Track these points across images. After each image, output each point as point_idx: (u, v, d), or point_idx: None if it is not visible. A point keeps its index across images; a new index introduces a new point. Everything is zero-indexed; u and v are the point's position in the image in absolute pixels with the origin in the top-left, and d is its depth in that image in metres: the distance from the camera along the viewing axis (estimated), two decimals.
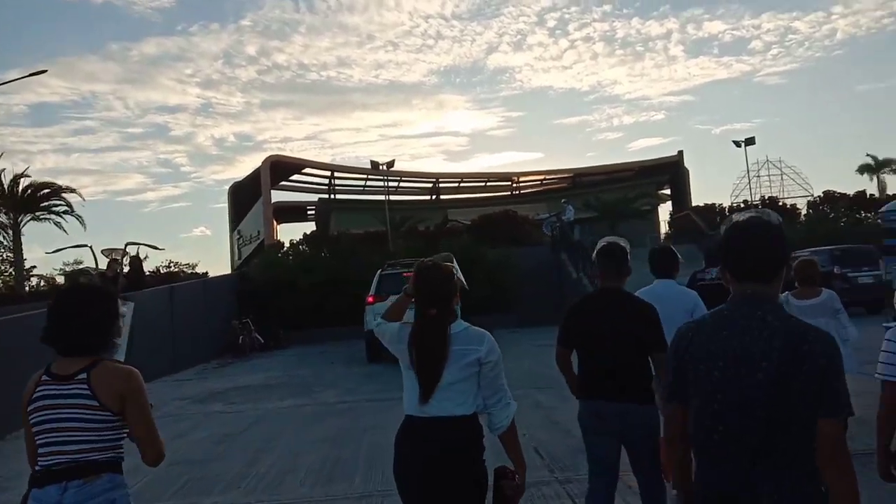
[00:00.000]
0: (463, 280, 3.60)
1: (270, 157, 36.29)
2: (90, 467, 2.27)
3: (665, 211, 41.30)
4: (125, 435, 2.38)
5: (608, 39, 73.79)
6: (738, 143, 30.18)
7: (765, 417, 1.76)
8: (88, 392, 2.29)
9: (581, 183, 42.86)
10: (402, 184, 42.27)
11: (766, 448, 1.76)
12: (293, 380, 12.56)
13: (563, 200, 25.08)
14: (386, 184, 34.68)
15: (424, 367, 2.54)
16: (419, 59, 75.40)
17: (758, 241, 1.88)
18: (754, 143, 29.96)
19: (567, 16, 76.06)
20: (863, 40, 69.77)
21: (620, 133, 77.15)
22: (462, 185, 45.99)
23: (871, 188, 33.84)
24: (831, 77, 75.73)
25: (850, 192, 29.88)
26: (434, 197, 44.56)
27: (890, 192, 32.33)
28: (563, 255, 21.18)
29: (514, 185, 45.87)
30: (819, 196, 30.27)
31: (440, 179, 44.89)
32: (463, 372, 2.54)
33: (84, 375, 2.31)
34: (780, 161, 38.87)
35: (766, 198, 33.64)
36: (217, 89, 69.80)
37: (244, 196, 36.96)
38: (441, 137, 77.01)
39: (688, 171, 40.74)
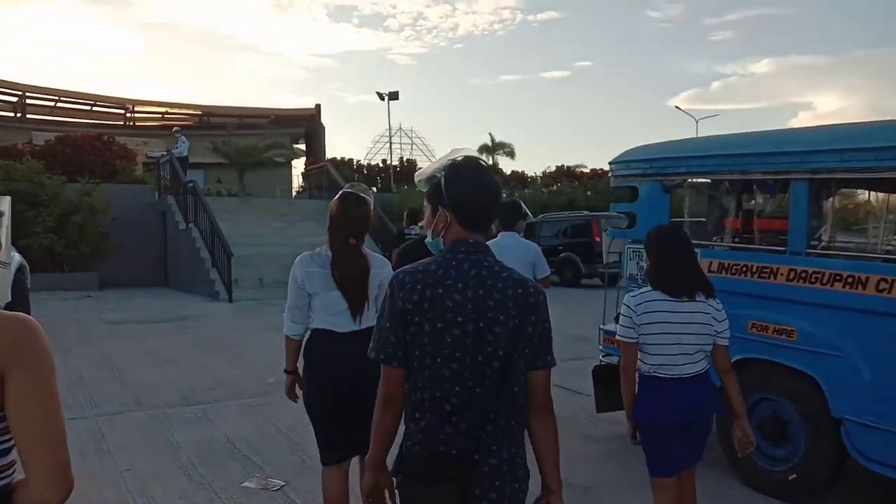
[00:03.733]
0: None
1: None
2: None
3: (301, 166, 40.08)
4: (13, 443, 1.21)
5: None
6: (381, 96, 29.43)
7: (500, 374, 1.75)
8: None
9: (210, 124, 38.72)
10: None
11: (495, 407, 1.76)
12: None
13: (174, 130, 20.91)
14: None
15: (353, 287, 2.88)
16: None
17: (488, 189, 1.84)
18: (398, 98, 29.61)
19: None
20: (478, 38, 78.88)
21: (261, 85, 74.12)
22: (59, 105, 37.72)
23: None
24: (451, 66, 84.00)
25: None
26: (18, 114, 35.62)
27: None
28: (169, 199, 17.20)
29: (129, 113, 39.35)
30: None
31: (28, 94, 36.15)
32: (377, 290, 2.88)
33: None
34: (411, 131, 40.65)
35: (405, 160, 34.05)
36: None
37: None
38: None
39: (324, 126, 39.86)
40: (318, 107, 40.25)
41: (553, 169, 35.10)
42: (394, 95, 29.48)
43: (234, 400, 6.15)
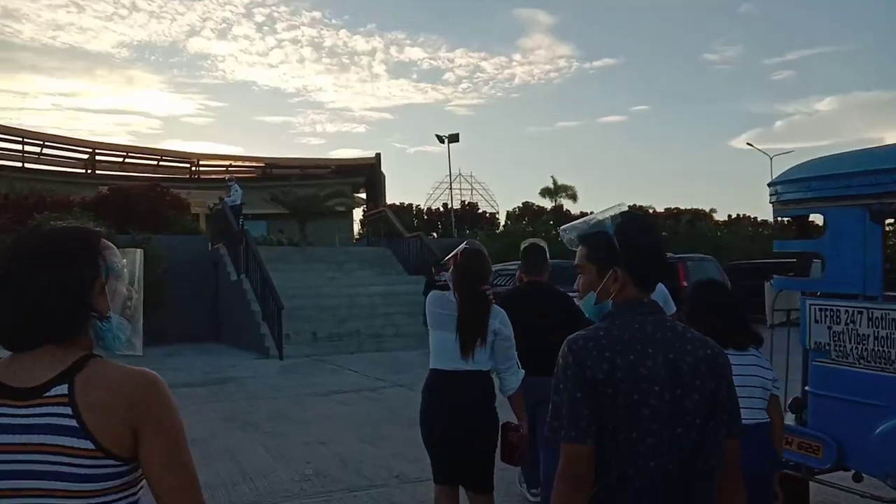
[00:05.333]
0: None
1: None
2: None
3: (360, 214, 39.88)
4: (138, 497, 1.28)
5: (315, 45, 72.58)
6: (441, 139, 28.47)
7: (696, 446, 1.59)
8: (74, 422, 1.18)
9: (273, 175, 39.00)
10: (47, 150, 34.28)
11: (690, 482, 1.60)
12: None
13: (227, 178, 20.30)
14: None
15: (471, 330, 3.20)
16: (108, 28, 66.79)
17: (659, 241, 1.78)
18: (458, 141, 28.67)
19: (276, 14, 73.04)
20: (534, 87, 79.75)
21: (323, 140, 76.97)
22: (127, 161, 38.68)
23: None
24: (508, 115, 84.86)
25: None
26: (89, 171, 36.63)
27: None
28: (222, 249, 16.32)
29: (194, 167, 39.98)
30: (518, 207, 30.79)
31: (98, 151, 37.33)
32: (492, 336, 3.23)
33: (63, 389, 1.20)
34: (471, 176, 39.94)
35: (467, 203, 33.12)
36: None
37: None
38: (129, 116, 68.26)
39: (384, 175, 39.58)
40: (377, 156, 40.17)
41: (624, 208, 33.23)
42: (454, 138, 28.56)
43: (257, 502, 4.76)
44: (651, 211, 32.90)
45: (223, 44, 69.82)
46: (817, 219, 3.61)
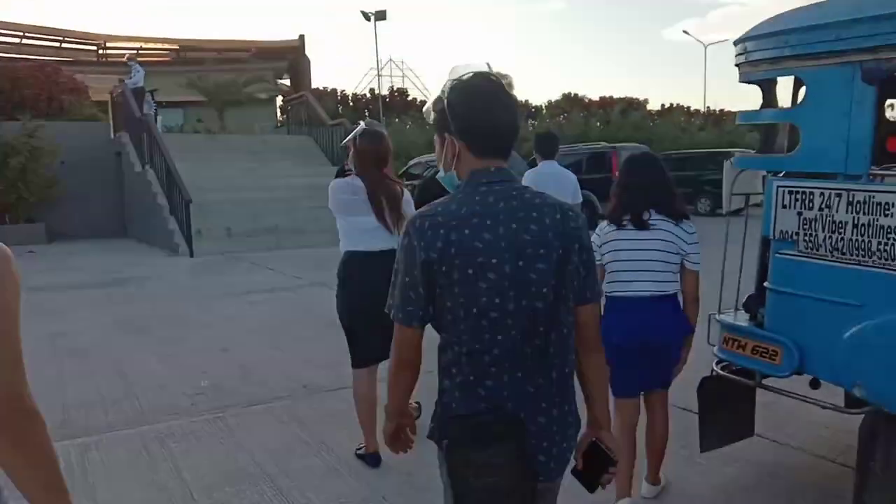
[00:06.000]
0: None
1: None
2: None
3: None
4: None
5: None
6: (366, 16, 26.40)
7: (547, 316, 1.55)
8: None
9: (188, 59, 36.30)
10: None
11: (543, 357, 1.57)
12: None
13: (126, 57, 18.42)
14: None
15: (389, 209, 3.34)
16: None
17: (504, 107, 1.57)
18: (385, 19, 26.71)
19: None
20: None
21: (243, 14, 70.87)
22: (24, 41, 35.12)
23: None
24: None
25: None
26: None
27: None
28: (124, 138, 14.85)
29: (102, 50, 36.84)
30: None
31: None
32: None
33: None
34: (402, 63, 38.31)
35: (396, 89, 31.57)
36: None
37: None
38: None
39: (310, 59, 37.33)
40: (301, 38, 37.75)
41: (559, 97, 32.33)
42: (381, 15, 26.50)
43: (136, 427, 4.09)
44: (587, 100, 32.29)
45: None
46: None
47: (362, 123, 3.53)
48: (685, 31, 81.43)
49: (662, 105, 37.42)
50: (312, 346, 5.68)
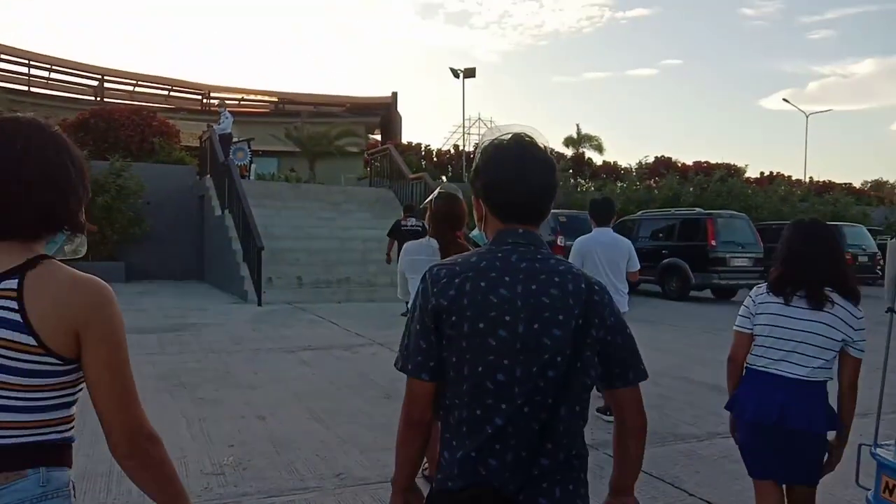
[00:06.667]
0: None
1: None
2: (11, 458, 1.20)
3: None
4: (77, 397, 1.32)
5: None
6: (455, 73, 26.41)
7: (557, 387, 1.41)
8: (18, 317, 1.18)
9: (286, 111, 37.94)
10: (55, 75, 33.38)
11: (550, 433, 1.42)
12: None
13: (217, 104, 18.89)
14: None
15: None
16: None
17: (533, 170, 1.48)
18: (474, 76, 26.62)
19: None
20: (564, 36, 77.30)
21: (342, 76, 74.61)
22: (137, 90, 37.56)
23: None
24: (535, 62, 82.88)
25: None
26: (98, 98, 35.49)
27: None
28: (208, 182, 14.99)
29: (206, 99, 38.90)
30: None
31: (106, 78, 36.41)
32: None
33: (13, 283, 1.20)
34: (490, 121, 38.40)
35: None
36: None
37: None
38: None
39: (401, 115, 38.30)
40: (394, 94, 38.73)
41: (651, 160, 31.08)
42: (469, 73, 26.44)
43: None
44: (680, 164, 31.01)
45: None
46: None
47: (440, 186, 3.69)
48: (785, 100, 78.60)
49: (762, 173, 35.61)
50: (359, 421, 4.98)
